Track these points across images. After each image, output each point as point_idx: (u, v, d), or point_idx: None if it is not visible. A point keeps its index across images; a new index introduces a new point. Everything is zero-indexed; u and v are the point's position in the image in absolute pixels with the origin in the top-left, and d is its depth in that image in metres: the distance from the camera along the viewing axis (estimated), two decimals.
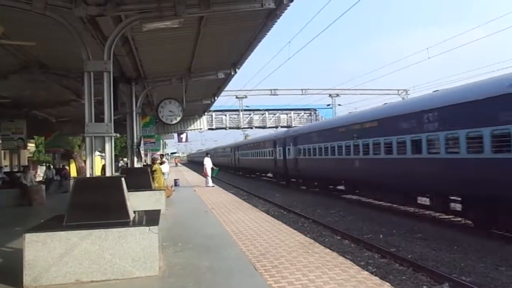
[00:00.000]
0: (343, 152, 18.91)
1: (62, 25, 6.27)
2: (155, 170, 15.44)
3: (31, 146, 32.63)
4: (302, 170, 24.95)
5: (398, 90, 43.08)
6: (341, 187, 21.35)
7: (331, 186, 22.49)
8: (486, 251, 9.56)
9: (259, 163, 36.63)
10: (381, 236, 11.69)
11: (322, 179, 22.80)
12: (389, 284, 5.26)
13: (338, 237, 11.89)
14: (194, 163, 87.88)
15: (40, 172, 33.77)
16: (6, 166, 20.74)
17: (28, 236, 5.21)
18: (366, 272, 5.79)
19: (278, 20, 8.64)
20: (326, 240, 11.40)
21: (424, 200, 14.63)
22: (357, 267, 6.05)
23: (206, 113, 27.85)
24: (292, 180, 28.34)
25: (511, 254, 9.15)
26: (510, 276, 7.82)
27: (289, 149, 26.96)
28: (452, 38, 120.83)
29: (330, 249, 7.50)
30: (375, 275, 6.07)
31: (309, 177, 24.68)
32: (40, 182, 19.05)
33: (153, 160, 18.14)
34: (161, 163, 20.27)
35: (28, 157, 32.90)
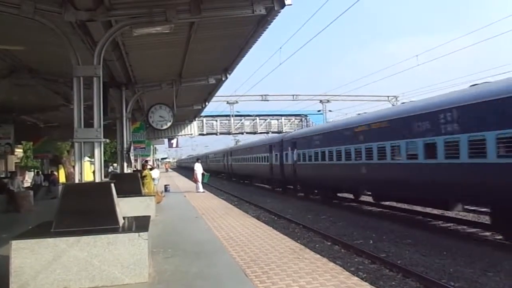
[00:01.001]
0: (248, 160, 36.22)
1: (51, 29, 6.23)
2: (145, 176, 15.35)
3: (19, 151, 32.18)
4: (235, 169, 43.46)
5: (388, 96, 43.43)
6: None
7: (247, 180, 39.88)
8: (474, 256, 9.64)
9: (218, 166, 56.33)
10: (371, 241, 11.73)
11: (243, 175, 40.33)
12: None
13: (329, 243, 11.90)
14: (182, 168, 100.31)
15: (28, 178, 33.30)
16: None
17: (15, 243, 5.13)
18: (356, 278, 5.82)
19: (269, 27, 8.72)
20: (317, 246, 11.39)
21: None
22: (347, 272, 6.07)
23: (197, 119, 27.91)
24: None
25: (499, 260, 9.24)
26: (498, 281, 7.90)
27: (228, 158, 45.92)
28: (443, 45, 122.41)
29: (321, 255, 7.53)
30: (365, 281, 6.11)
31: (238, 174, 42.62)
32: (28, 188, 18.80)
33: (143, 166, 18.02)
34: (151, 168, 20.15)
35: (16, 162, 32.38)
